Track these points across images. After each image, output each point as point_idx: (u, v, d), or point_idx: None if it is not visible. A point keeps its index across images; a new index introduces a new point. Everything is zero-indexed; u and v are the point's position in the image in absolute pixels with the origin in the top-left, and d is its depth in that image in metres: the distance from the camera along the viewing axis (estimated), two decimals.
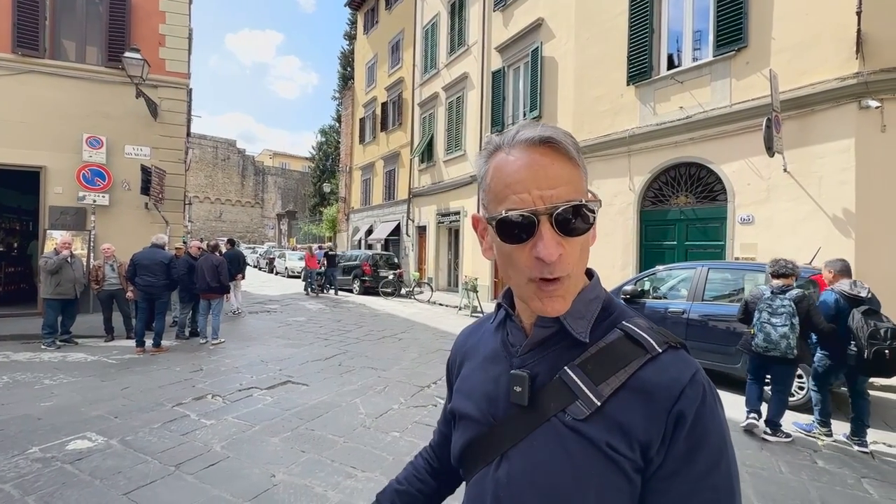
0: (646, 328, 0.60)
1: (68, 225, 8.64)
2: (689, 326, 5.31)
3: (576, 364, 0.59)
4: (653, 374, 0.56)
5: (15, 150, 8.42)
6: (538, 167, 0.56)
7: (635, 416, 0.55)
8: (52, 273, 6.22)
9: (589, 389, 0.57)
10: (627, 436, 0.54)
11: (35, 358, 5.83)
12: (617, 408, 0.56)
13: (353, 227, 23.41)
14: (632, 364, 0.57)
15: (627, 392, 0.56)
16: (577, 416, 0.57)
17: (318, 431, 3.67)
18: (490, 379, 0.67)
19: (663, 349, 0.58)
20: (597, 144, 9.49)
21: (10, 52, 8.41)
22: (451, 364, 0.82)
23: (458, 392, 0.73)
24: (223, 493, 2.71)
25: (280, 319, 9.56)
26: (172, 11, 9.54)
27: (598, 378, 0.57)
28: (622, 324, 0.61)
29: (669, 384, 0.55)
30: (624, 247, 8.99)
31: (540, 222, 0.55)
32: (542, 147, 0.56)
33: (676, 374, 0.56)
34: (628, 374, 0.57)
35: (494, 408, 0.65)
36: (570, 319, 0.61)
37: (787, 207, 6.72)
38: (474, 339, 0.77)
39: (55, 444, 3.31)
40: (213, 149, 40.34)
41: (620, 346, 0.59)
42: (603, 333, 0.61)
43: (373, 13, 21.99)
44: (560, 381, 0.59)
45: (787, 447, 3.63)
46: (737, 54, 7.32)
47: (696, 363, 0.59)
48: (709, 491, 0.53)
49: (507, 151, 0.59)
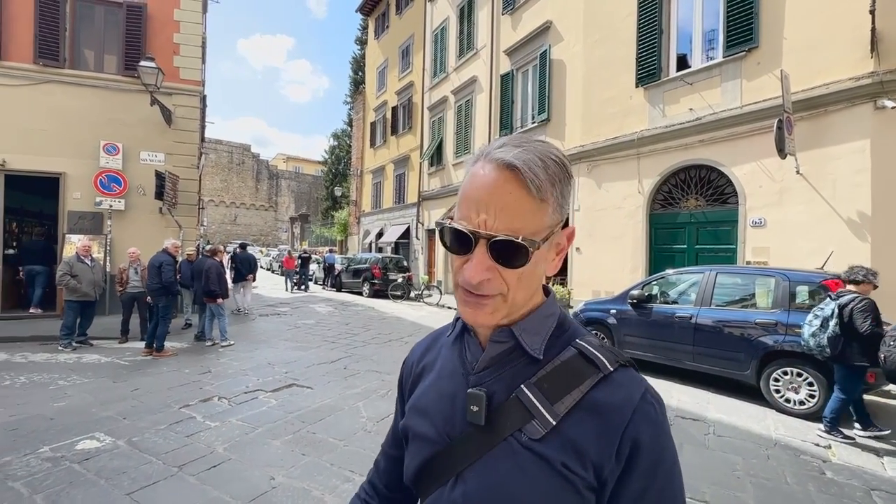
0: (598, 346, 0.61)
1: (86, 229, 8.89)
2: (696, 332, 5.22)
3: (532, 382, 0.59)
4: (605, 393, 0.57)
5: (37, 157, 8.71)
6: (494, 191, 0.55)
7: (589, 435, 0.55)
8: (68, 286, 6.44)
9: (545, 408, 0.57)
10: (581, 455, 0.55)
11: (52, 359, 6.01)
12: (571, 427, 0.56)
13: (364, 231, 23.59)
14: (585, 383, 0.58)
15: (581, 411, 0.57)
16: (533, 436, 0.57)
17: (319, 435, 3.71)
18: (446, 396, 0.66)
19: (615, 368, 0.59)
20: (605, 147, 9.42)
21: (31, 63, 8.71)
22: (403, 379, 0.79)
23: (413, 410, 0.71)
24: (223, 495, 2.76)
25: (289, 322, 9.68)
26: (186, 21, 9.78)
27: (554, 397, 0.58)
28: (576, 342, 0.62)
29: (621, 404, 0.56)
30: (633, 250, 8.88)
31: (477, 244, 0.56)
32: (507, 171, 0.55)
33: (628, 394, 0.57)
34: (582, 393, 0.57)
35: (450, 426, 0.64)
36: (525, 335, 0.61)
37: (800, 210, 6.57)
38: (432, 354, 0.75)
39: (65, 443, 3.41)
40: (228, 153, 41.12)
41: (575, 363, 0.60)
42: (558, 351, 0.62)
43: (383, 18, 22.20)
44: (517, 400, 0.59)
45: (795, 458, 3.55)
46: (747, 55, 7.20)
47: (644, 381, 0.60)
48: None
49: (482, 164, 0.58)
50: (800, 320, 4.45)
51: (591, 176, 9.89)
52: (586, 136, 9.95)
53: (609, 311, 6.28)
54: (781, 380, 4.58)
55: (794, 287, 4.74)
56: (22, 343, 6.89)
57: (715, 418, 4.34)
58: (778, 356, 4.61)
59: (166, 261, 6.59)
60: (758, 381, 4.71)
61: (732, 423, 4.21)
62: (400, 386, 0.80)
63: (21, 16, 8.64)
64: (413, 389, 0.75)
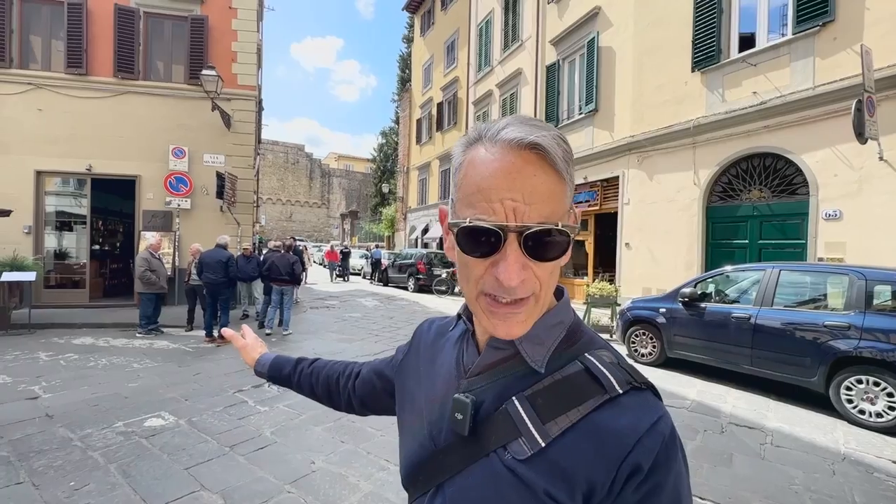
0: (609, 364, 0.54)
1: (158, 227, 9.74)
2: (755, 333, 4.84)
3: (525, 395, 0.54)
4: (608, 417, 0.50)
5: (117, 161, 9.65)
6: (517, 175, 0.48)
7: (581, 462, 0.49)
8: (149, 280, 7.20)
9: (535, 427, 0.51)
10: (569, 484, 0.49)
11: (129, 344, 6.67)
12: (562, 451, 0.50)
13: (410, 226, 23.98)
14: (587, 403, 0.51)
15: (577, 434, 0.50)
16: (518, 456, 0.51)
17: (358, 424, 3.85)
18: (437, 398, 0.62)
19: (624, 390, 0.51)
20: (657, 137, 8.92)
21: (112, 76, 9.64)
22: (414, 342, 0.77)
23: (409, 400, 0.69)
24: (268, 475, 2.95)
25: (337, 315, 10.07)
26: (243, 30, 10.38)
27: (547, 415, 0.52)
28: (584, 356, 0.55)
29: (625, 431, 0.49)
30: (688, 246, 8.38)
31: (507, 240, 0.48)
32: (527, 152, 0.49)
33: (634, 421, 0.49)
34: (581, 415, 0.51)
35: (437, 431, 0.60)
36: (526, 344, 0.55)
37: (883, 201, 5.89)
38: (440, 342, 0.71)
39: (135, 420, 3.79)
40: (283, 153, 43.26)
41: (577, 380, 0.53)
42: (562, 364, 0.55)
43: (429, 15, 22.32)
44: (505, 412, 0.53)
45: (867, 475, 3.21)
46: (821, 29, 6.52)
47: (661, 408, 0.52)
48: None
49: (487, 148, 0.51)
50: (878, 323, 4.00)
51: (641, 167, 9.42)
52: (637, 125, 9.48)
53: (658, 309, 5.97)
54: (855, 388, 4.14)
55: (871, 286, 4.25)
56: (105, 329, 7.70)
57: (774, 427, 4.02)
58: (852, 363, 4.17)
59: (231, 257, 7.17)
60: (826, 388, 4.30)
61: (794, 434, 3.88)
62: (410, 345, 0.79)
63: (102, 35, 9.57)
64: (415, 373, 0.72)
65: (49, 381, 4.74)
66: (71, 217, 10.04)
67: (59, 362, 5.52)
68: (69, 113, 9.43)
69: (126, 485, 2.78)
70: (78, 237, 10.04)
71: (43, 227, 9.54)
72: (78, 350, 6.16)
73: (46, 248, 9.60)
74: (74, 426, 3.61)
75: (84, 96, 9.52)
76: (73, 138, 9.44)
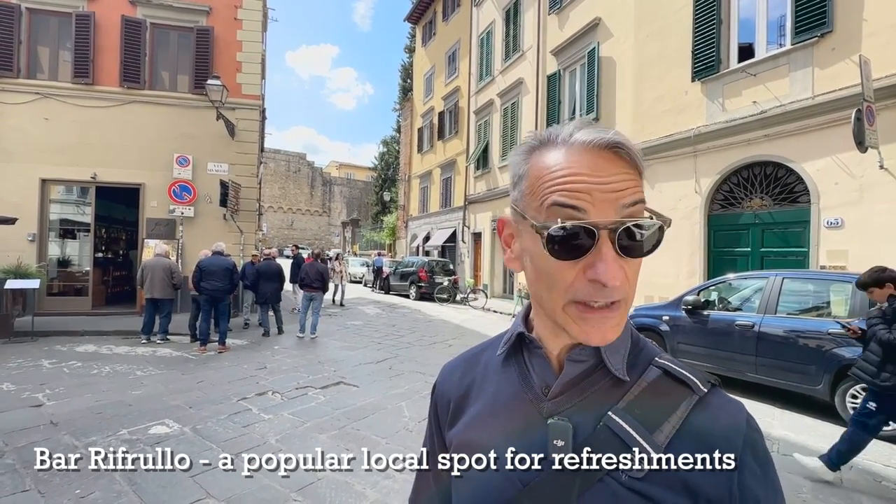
0: (682, 364, 0.54)
1: (161, 234, 9.78)
2: (759, 341, 4.84)
3: (621, 408, 0.51)
4: (707, 419, 0.49)
5: (121, 169, 9.72)
6: (601, 173, 0.47)
7: (697, 469, 0.47)
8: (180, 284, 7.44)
9: (644, 439, 0.48)
10: (695, 494, 0.46)
11: (132, 351, 6.66)
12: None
13: (412, 234, 24.04)
14: (681, 407, 0.50)
15: (684, 441, 0.48)
16: (635, 475, 0.48)
17: (363, 431, 3.84)
18: (513, 431, 0.55)
19: (708, 389, 0.51)
20: (658, 146, 8.98)
21: (118, 86, 9.75)
22: (438, 409, 0.66)
23: (464, 447, 0.58)
24: (273, 484, 2.94)
25: (339, 323, 10.07)
26: (248, 40, 10.52)
27: (651, 425, 0.49)
28: (656, 360, 0.54)
29: (728, 432, 0.48)
30: (689, 254, 8.39)
31: (600, 238, 0.46)
32: (607, 152, 0.47)
33: (732, 420, 0.50)
34: (680, 419, 0.49)
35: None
36: (608, 352, 0.52)
37: (884, 209, 5.91)
38: (473, 374, 0.63)
39: (140, 427, 3.78)
40: (285, 162, 43.55)
41: (663, 385, 0.52)
42: (640, 371, 0.53)
43: (430, 25, 22.60)
44: (607, 429, 0.50)
45: (874, 483, 3.19)
46: (820, 40, 6.60)
47: (741, 404, 0.52)
48: None
49: (562, 151, 0.49)
50: None
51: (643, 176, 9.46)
52: (637, 135, 9.54)
53: (661, 317, 5.97)
54: (861, 397, 4.13)
55: None
56: (108, 336, 7.70)
57: (780, 435, 4.00)
58: None
59: (235, 264, 7.28)
60: (832, 396, 4.29)
61: (801, 442, 3.86)
62: (435, 415, 0.67)
63: (109, 46, 9.70)
64: (454, 422, 0.62)
65: (53, 389, 4.74)
66: (74, 225, 10.08)
67: (62, 370, 5.52)
68: (75, 122, 9.51)
69: (132, 492, 2.77)
70: (81, 245, 10.08)
71: (47, 235, 9.58)
72: (81, 357, 6.16)
73: (50, 255, 9.62)
74: (79, 434, 3.61)
75: (90, 105, 9.61)
76: (78, 147, 9.51)
